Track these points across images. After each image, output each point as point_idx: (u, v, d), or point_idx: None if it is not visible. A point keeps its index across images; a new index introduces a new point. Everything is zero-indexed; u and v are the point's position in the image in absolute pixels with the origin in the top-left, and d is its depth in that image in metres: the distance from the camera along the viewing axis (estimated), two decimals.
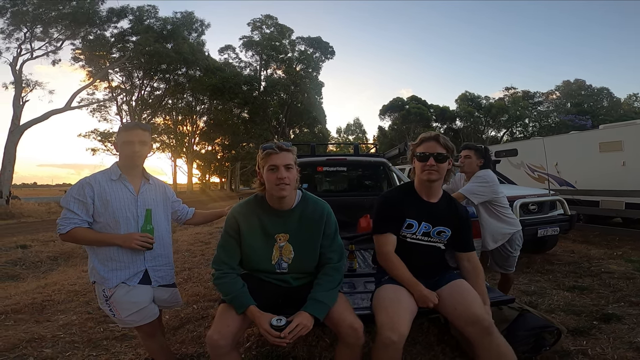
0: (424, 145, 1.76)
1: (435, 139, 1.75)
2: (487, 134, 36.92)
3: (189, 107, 31.82)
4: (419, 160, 1.76)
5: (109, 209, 1.75)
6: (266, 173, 1.58)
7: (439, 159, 1.73)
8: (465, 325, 1.56)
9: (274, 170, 1.56)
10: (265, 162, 1.59)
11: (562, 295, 3.35)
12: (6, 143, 16.03)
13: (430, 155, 1.72)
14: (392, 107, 37.72)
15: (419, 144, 1.79)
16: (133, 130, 1.83)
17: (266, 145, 1.62)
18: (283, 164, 1.56)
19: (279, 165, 1.55)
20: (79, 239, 1.74)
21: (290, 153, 1.61)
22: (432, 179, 1.74)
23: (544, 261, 4.72)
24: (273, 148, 1.58)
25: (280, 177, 1.54)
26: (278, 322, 1.41)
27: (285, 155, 1.58)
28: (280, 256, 1.66)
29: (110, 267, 1.75)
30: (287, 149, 1.60)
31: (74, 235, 1.71)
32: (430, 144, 1.75)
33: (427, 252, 1.80)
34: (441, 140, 1.75)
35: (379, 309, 1.60)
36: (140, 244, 1.72)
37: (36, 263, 5.95)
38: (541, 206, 4.78)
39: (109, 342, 2.57)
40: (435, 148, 1.74)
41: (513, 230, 2.67)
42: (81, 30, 18.49)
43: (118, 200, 1.78)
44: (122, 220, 1.77)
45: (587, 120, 29.21)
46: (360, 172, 4.85)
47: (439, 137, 1.76)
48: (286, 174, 1.55)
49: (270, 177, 1.56)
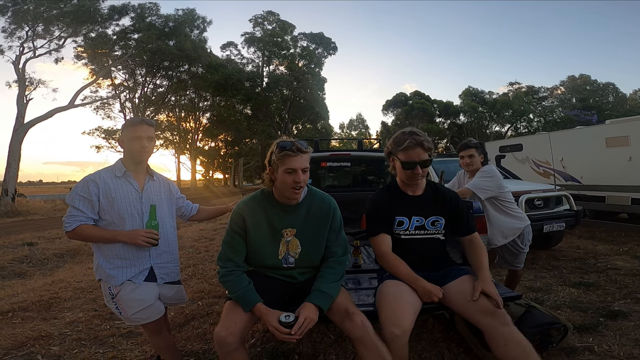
0: (409, 153, 1.70)
1: (420, 145, 1.68)
2: (491, 129, 36.67)
3: (192, 103, 31.84)
4: (404, 169, 1.73)
5: (114, 206, 1.75)
6: (282, 174, 1.54)
7: (425, 165, 1.72)
8: (481, 316, 1.53)
9: (291, 174, 1.53)
10: (282, 163, 1.53)
11: (568, 291, 3.34)
12: (11, 141, 16.11)
13: (417, 163, 1.70)
14: (395, 103, 37.53)
15: (402, 149, 1.71)
16: (140, 126, 1.82)
17: (284, 143, 1.55)
18: (301, 167, 1.53)
19: (297, 169, 1.52)
20: (85, 236, 1.74)
21: (308, 155, 1.58)
22: (418, 183, 1.78)
23: (549, 257, 4.69)
24: (292, 149, 1.52)
25: (298, 181, 1.52)
26: (287, 319, 1.41)
27: (304, 159, 1.55)
28: (287, 251, 1.66)
29: (115, 265, 1.76)
30: (305, 150, 1.55)
31: (80, 232, 1.71)
32: (415, 152, 1.69)
33: (425, 246, 1.80)
34: (425, 146, 1.69)
35: (382, 305, 1.60)
36: (145, 240, 1.72)
37: (43, 260, 6.00)
38: (547, 201, 4.75)
39: (115, 340, 2.59)
40: (421, 155, 1.70)
41: (523, 225, 2.66)
42: (83, 28, 18.47)
43: (123, 197, 1.78)
44: (127, 217, 1.77)
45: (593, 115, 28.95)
46: (365, 167, 4.83)
47: (423, 143, 1.69)
48: (303, 177, 1.54)
49: (287, 180, 1.53)
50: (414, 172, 1.70)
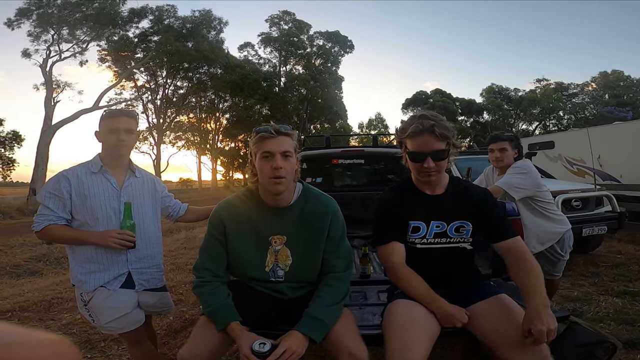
0: (416, 140, 1.35)
1: (429, 130, 1.31)
2: (518, 127, 35.30)
3: (212, 104, 32.32)
4: (411, 160, 1.40)
5: (86, 204, 1.56)
6: (259, 162, 1.28)
7: (438, 157, 1.34)
8: (514, 352, 1.17)
9: (268, 158, 1.26)
10: (258, 147, 1.29)
11: (610, 301, 2.96)
12: (39, 143, 16.77)
13: (427, 154, 1.33)
14: (415, 101, 36.73)
15: (408, 136, 1.37)
16: (118, 118, 1.63)
17: (260, 127, 1.32)
18: (280, 150, 1.26)
19: (274, 152, 1.26)
20: (55, 237, 1.58)
21: (290, 138, 1.31)
22: (432, 180, 1.40)
23: (587, 263, 4.24)
24: (268, 130, 1.28)
25: (276, 167, 1.24)
26: (261, 348, 1.13)
27: (283, 140, 1.28)
28: (276, 262, 1.38)
29: (87, 269, 1.56)
30: (285, 132, 1.30)
31: (49, 232, 1.55)
32: (424, 139, 1.33)
33: (446, 257, 1.43)
34: (438, 132, 1.30)
35: (390, 331, 1.26)
36: (117, 242, 1.52)
37: (59, 259, 6.03)
38: (586, 202, 4.31)
39: (106, 344, 2.45)
40: (432, 144, 1.32)
41: (563, 229, 2.30)
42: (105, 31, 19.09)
43: (97, 195, 1.58)
44: (102, 217, 1.58)
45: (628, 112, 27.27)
46: (380, 164, 4.54)
47: (434, 127, 1.30)
48: (283, 162, 1.26)
49: (264, 167, 1.27)
50: (423, 166, 1.35)
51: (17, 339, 0.31)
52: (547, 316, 1.11)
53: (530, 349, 1.14)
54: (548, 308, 1.15)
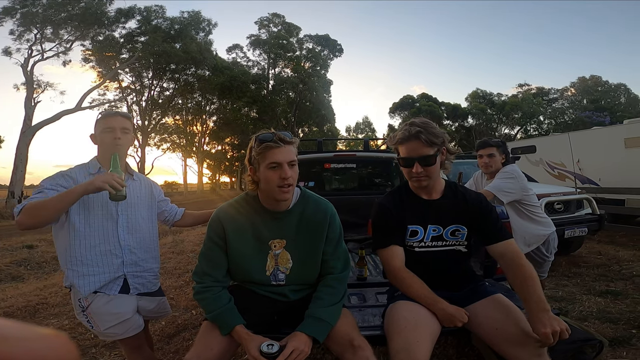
0: (405, 147, 1.43)
1: (416, 137, 1.39)
2: (500, 132, 36.11)
3: (199, 106, 31.94)
4: (402, 166, 1.47)
5: (81, 204, 1.53)
6: (265, 171, 1.29)
7: (426, 162, 1.41)
8: (513, 349, 1.24)
9: (275, 169, 1.28)
10: (263, 157, 1.29)
11: (594, 301, 3.07)
12: (18, 144, 16.23)
13: (415, 160, 1.41)
14: (402, 105, 37.21)
15: (398, 143, 1.45)
16: (113, 117, 1.61)
17: (263, 135, 1.31)
18: (287, 160, 1.28)
19: (282, 162, 1.27)
20: (37, 209, 1.36)
21: (293, 146, 1.32)
22: (422, 185, 1.46)
23: (570, 264, 4.39)
24: (274, 140, 1.28)
25: (285, 177, 1.27)
26: (269, 349, 1.15)
27: (289, 149, 1.30)
28: (276, 266, 1.40)
29: (80, 272, 1.52)
30: (289, 141, 1.31)
31: (30, 210, 1.34)
32: (411, 145, 1.41)
33: (444, 260, 1.50)
34: (424, 138, 1.38)
35: (393, 332, 1.30)
36: (105, 181, 1.37)
37: (41, 264, 5.86)
38: (567, 205, 4.47)
39: (97, 350, 2.40)
40: (419, 150, 1.40)
41: (549, 231, 2.41)
42: (90, 31, 18.68)
43: (94, 196, 1.55)
44: (97, 219, 1.55)
45: (606, 116, 28.32)
46: (372, 169, 4.60)
47: (420, 133, 1.38)
48: (291, 172, 1.28)
49: (272, 177, 1.28)
50: (414, 171, 1.42)
51: (13, 332, 0.30)
52: (548, 319, 1.18)
53: (528, 346, 1.21)
54: (548, 312, 1.21)
